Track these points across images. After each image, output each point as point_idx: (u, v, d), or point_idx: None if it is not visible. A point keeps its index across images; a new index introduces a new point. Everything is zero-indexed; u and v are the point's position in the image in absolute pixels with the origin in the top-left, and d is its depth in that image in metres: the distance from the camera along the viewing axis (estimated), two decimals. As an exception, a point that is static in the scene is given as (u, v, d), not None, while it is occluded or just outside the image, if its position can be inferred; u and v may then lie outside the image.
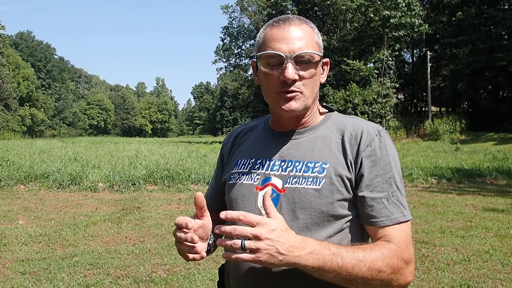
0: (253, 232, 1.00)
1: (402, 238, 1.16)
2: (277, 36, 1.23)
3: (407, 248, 1.16)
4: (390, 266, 1.10)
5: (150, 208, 8.42)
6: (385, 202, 1.19)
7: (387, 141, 1.26)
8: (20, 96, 66.06)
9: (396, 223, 1.18)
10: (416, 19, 32.02)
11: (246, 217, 1.02)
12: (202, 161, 14.79)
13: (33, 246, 5.79)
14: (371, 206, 1.19)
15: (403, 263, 1.13)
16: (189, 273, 4.74)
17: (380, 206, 1.18)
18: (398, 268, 1.12)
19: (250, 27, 46.87)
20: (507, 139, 28.74)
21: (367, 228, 1.22)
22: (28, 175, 10.97)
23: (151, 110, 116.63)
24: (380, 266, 1.09)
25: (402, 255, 1.13)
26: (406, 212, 1.20)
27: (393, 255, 1.12)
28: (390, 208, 1.18)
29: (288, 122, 1.33)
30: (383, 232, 1.18)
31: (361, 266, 1.07)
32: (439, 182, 12.00)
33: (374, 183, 1.20)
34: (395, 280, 1.12)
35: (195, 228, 1.17)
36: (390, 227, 1.17)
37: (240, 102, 48.37)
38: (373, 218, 1.19)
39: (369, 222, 1.20)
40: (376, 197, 1.19)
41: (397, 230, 1.17)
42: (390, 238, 1.16)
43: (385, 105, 31.86)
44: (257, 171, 1.31)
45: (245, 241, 0.99)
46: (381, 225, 1.18)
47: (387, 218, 1.18)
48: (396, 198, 1.20)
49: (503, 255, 5.34)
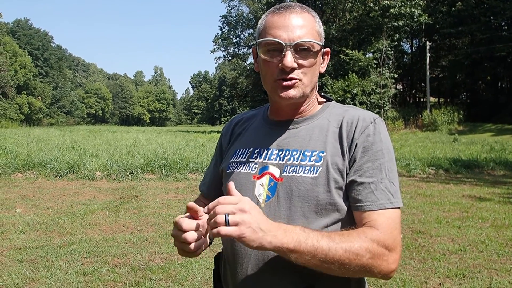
0: (236, 206, 1.00)
1: (387, 225, 1.15)
2: (278, 23, 1.22)
3: (391, 234, 1.14)
4: (369, 250, 1.09)
5: (147, 197, 8.43)
6: (372, 187, 1.18)
7: (382, 129, 1.25)
8: (18, 84, 65.76)
9: (381, 209, 1.16)
10: (415, 9, 31.83)
11: (226, 199, 1.02)
12: (200, 150, 14.80)
13: (30, 234, 5.80)
14: (358, 190, 1.18)
15: (384, 249, 1.11)
16: (186, 261, 4.76)
17: (366, 191, 1.18)
18: (378, 253, 1.10)
19: (249, 16, 46.65)
20: (505, 130, 28.76)
21: (354, 214, 1.21)
22: (25, 163, 10.96)
23: (149, 99, 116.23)
24: (357, 249, 1.08)
25: (384, 240, 1.12)
26: (394, 200, 1.19)
27: (373, 240, 1.10)
28: (377, 194, 1.17)
29: (286, 110, 1.33)
30: (368, 217, 1.16)
31: (337, 248, 1.06)
32: (436, 172, 12.04)
33: (363, 168, 1.20)
34: (376, 266, 1.10)
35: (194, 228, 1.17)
36: (375, 212, 1.16)
37: (239, 91, 48.24)
38: (359, 202, 1.18)
39: (355, 206, 1.19)
40: (364, 181, 1.18)
41: (382, 216, 1.16)
42: (374, 223, 1.15)
43: (383, 96, 31.78)
44: (255, 160, 1.32)
45: (229, 216, 0.99)
46: (366, 209, 1.17)
47: (372, 203, 1.16)
48: (384, 185, 1.19)
49: (499, 246, 5.37)
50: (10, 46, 65.11)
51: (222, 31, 47.53)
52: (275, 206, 1.23)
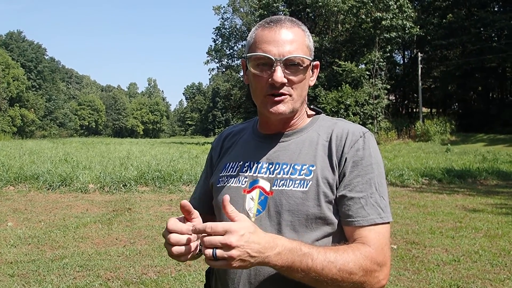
0: (222, 241, 0.98)
1: (378, 241, 1.15)
2: (268, 38, 1.22)
3: (382, 251, 1.14)
4: (362, 268, 1.09)
5: (141, 209, 8.38)
6: (363, 203, 1.18)
7: (371, 143, 1.26)
8: (10, 97, 65.49)
9: (372, 224, 1.17)
10: (407, 21, 32.20)
11: (212, 228, 0.99)
12: (194, 162, 14.76)
13: (22, 248, 5.74)
14: (348, 205, 1.19)
15: (376, 265, 1.12)
16: (180, 274, 4.72)
17: (357, 206, 1.18)
18: (370, 270, 1.11)
19: (242, 28, 46.85)
20: (497, 140, 28.98)
21: (344, 229, 1.21)
22: (17, 176, 10.87)
23: (142, 111, 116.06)
24: (351, 268, 1.08)
25: (376, 258, 1.12)
26: (384, 214, 1.19)
27: (367, 257, 1.11)
28: (367, 209, 1.18)
29: (275, 124, 1.33)
30: (359, 233, 1.17)
31: (331, 268, 1.06)
32: (429, 182, 12.09)
33: (353, 183, 1.20)
34: (367, 283, 1.11)
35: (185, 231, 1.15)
36: (366, 228, 1.16)
37: (232, 103, 48.29)
38: (349, 217, 1.18)
39: (345, 222, 1.20)
40: (354, 196, 1.19)
41: (373, 232, 1.16)
42: (365, 240, 1.15)
43: (376, 106, 31.98)
44: (245, 173, 1.31)
45: (216, 250, 0.99)
46: (357, 225, 1.17)
47: (363, 218, 1.17)
48: (374, 200, 1.19)
49: (492, 256, 5.38)
50: (2, 58, 64.94)
51: (215, 43, 47.66)
52: (265, 220, 1.22)
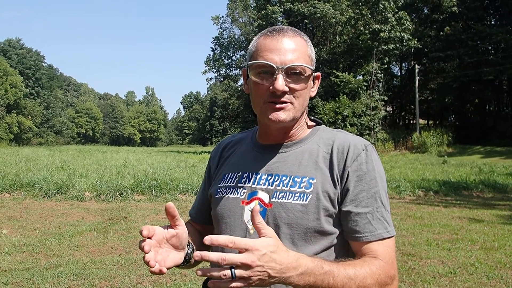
0: (243, 261, 0.94)
1: (388, 254, 1.16)
2: (270, 46, 1.22)
3: (392, 264, 1.15)
4: (378, 282, 1.09)
5: (137, 218, 8.35)
6: (370, 218, 1.18)
7: (374, 156, 1.25)
8: (8, 103, 65.37)
9: (380, 239, 1.17)
10: (405, 34, 32.43)
11: (235, 244, 0.95)
12: (191, 171, 14.73)
13: (16, 256, 5.70)
14: (355, 221, 1.18)
15: (389, 279, 1.13)
16: (175, 284, 4.69)
17: (364, 221, 1.18)
18: (384, 284, 1.11)
19: (240, 38, 47.09)
20: (494, 152, 29.09)
21: (351, 243, 1.21)
22: (13, 183, 10.82)
23: (140, 119, 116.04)
24: (369, 284, 1.08)
25: (388, 271, 1.13)
26: (390, 228, 1.20)
27: (381, 271, 1.11)
28: (374, 224, 1.18)
29: (275, 134, 1.32)
30: (368, 248, 1.17)
31: (351, 285, 1.06)
32: (426, 194, 12.09)
33: (359, 198, 1.20)
34: None
35: (168, 237, 1.13)
36: (374, 243, 1.17)
37: (230, 112, 48.41)
38: (357, 233, 1.18)
39: (353, 237, 1.20)
40: (360, 212, 1.18)
41: (382, 246, 1.17)
42: (376, 254, 1.15)
43: (374, 117, 32.09)
44: (243, 185, 1.30)
45: (235, 270, 0.94)
46: (365, 241, 1.17)
47: (371, 233, 1.17)
48: (380, 214, 1.19)
49: (489, 268, 5.37)
50: (1, 65, 64.87)
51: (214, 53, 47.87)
52: None
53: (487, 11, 38.50)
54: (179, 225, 1.14)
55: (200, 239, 1.41)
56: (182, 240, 1.16)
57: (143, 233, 1.05)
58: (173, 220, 1.12)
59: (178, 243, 1.15)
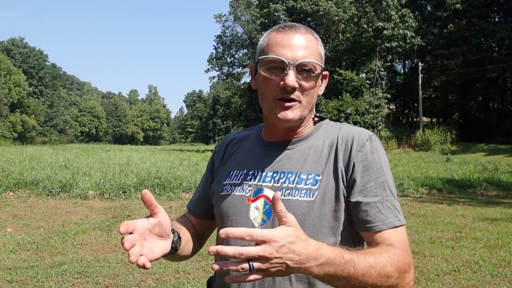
0: (260, 253, 0.90)
1: (402, 241, 1.15)
2: (282, 41, 1.21)
3: (407, 251, 1.14)
4: (398, 269, 1.07)
5: (140, 216, 8.31)
6: (380, 207, 1.17)
7: (378, 146, 1.25)
8: (11, 102, 65.62)
9: (392, 227, 1.16)
10: (408, 31, 32.35)
11: (252, 236, 0.90)
12: (194, 169, 14.75)
13: (21, 254, 5.72)
14: (365, 211, 1.17)
15: (407, 266, 1.11)
16: (179, 282, 4.70)
17: (374, 211, 1.17)
18: (403, 271, 1.09)
19: (243, 36, 47.13)
20: (497, 150, 28.98)
21: (362, 234, 1.20)
22: (17, 182, 10.86)
23: (143, 118, 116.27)
24: (389, 271, 1.06)
25: (405, 258, 1.11)
26: (401, 216, 1.19)
27: (400, 258, 1.09)
28: (385, 213, 1.17)
29: (281, 132, 1.31)
30: (380, 237, 1.15)
31: (372, 273, 1.03)
32: (429, 192, 12.06)
33: (367, 188, 1.19)
34: (400, 285, 1.09)
35: (150, 227, 1.08)
36: (387, 231, 1.16)
37: (233, 110, 48.39)
38: (368, 223, 1.17)
39: (364, 227, 1.18)
40: (370, 201, 1.17)
41: (395, 233, 1.16)
42: (390, 242, 1.14)
43: (377, 115, 32.05)
44: (249, 182, 1.29)
45: (253, 263, 0.91)
46: (377, 230, 1.16)
47: (382, 222, 1.16)
48: (390, 203, 1.19)
49: (493, 266, 5.36)
50: (4, 64, 65.13)
51: (216, 51, 47.93)
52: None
53: (490, 8, 38.28)
54: (158, 213, 1.10)
55: (194, 232, 1.41)
56: (165, 227, 1.12)
57: (121, 230, 0.99)
58: (151, 208, 1.08)
59: (162, 231, 1.11)
